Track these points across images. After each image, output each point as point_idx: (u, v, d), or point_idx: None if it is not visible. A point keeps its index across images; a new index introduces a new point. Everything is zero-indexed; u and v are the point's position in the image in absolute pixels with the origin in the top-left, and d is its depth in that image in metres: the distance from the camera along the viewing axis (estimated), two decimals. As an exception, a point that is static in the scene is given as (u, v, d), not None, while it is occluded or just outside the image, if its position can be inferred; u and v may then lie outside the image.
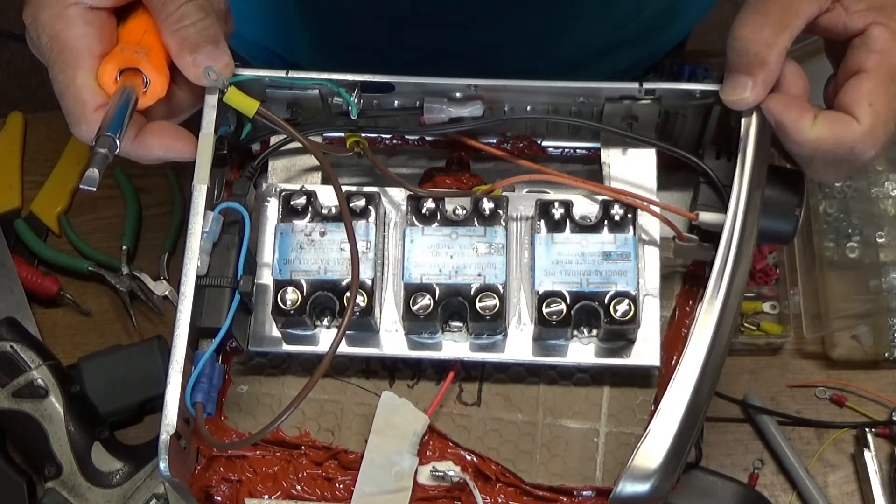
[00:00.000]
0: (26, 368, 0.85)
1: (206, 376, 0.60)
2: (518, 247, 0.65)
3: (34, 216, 0.98)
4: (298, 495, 0.64)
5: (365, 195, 0.64)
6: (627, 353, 0.64)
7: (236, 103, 0.62)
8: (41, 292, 0.94)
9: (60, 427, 0.84)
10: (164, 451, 0.58)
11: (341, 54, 0.87)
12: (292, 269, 0.63)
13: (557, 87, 0.65)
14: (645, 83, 0.65)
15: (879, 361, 0.92)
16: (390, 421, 0.64)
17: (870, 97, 0.59)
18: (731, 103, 0.62)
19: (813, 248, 0.94)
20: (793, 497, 0.88)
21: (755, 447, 0.90)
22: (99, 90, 0.59)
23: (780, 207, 0.64)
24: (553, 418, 0.65)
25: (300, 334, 0.64)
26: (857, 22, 0.60)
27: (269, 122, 0.63)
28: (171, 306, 0.94)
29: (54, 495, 0.83)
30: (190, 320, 0.60)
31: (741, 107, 0.62)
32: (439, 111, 0.66)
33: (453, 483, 0.64)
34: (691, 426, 0.61)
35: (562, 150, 0.71)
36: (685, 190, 0.68)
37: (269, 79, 0.65)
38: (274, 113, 0.64)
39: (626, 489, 0.61)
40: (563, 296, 0.62)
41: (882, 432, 0.89)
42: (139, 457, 0.85)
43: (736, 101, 0.61)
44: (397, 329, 0.64)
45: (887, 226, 0.93)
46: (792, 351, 0.94)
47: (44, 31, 0.59)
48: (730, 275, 0.61)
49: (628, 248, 0.63)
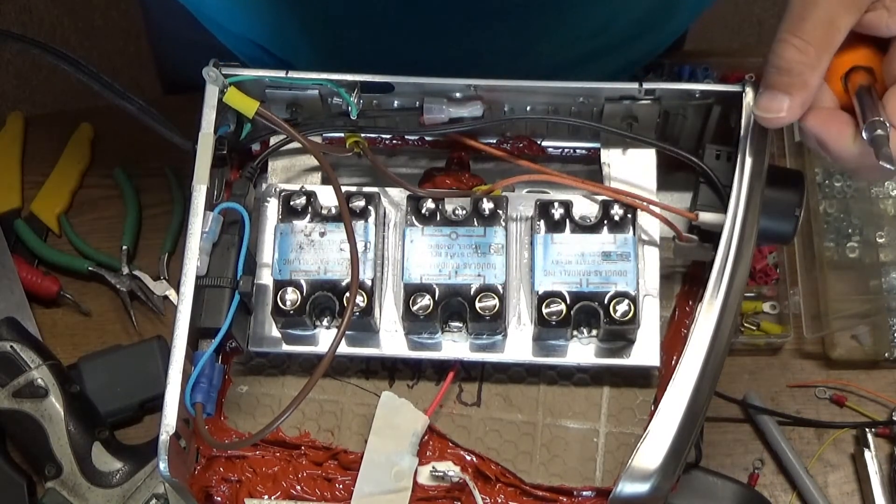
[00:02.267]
0: (26, 368, 0.85)
1: (205, 376, 0.61)
2: (518, 247, 0.65)
3: (34, 216, 0.98)
4: (298, 495, 0.64)
5: (365, 195, 0.64)
6: (627, 353, 0.64)
7: (236, 104, 0.62)
8: (41, 292, 0.94)
9: (60, 427, 0.84)
10: (164, 452, 0.58)
11: (330, 61, 0.87)
12: (292, 270, 0.63)
13: (557, 87, 0.65)
14: (645, 83, 0.65)
15: (879, 361, 0.92)
16: (390, 421, 0.64)
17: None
18: (763, 120, 0.60)
19: (813, 248, 0.94)
20: (793, 497, 0.88)
21: (755, 447, 0.90)
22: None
23: (780, 207, 0.64)
24: (553, 418, 0.65)
25: (300, 334, 0.64)
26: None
27: (269, 123, 0.63)
28: (171, 306, 0.94)
29: (54, 495, 0.83)
30: (190, 320, 0.60)
31: (772, 124, 0.61)
32: (439, 111, 0.66)
33: (453, 483, 0.64)
34: (691, 426, 0.61)
35: (562, 150, 0.71)
36: (685, 190, 0.68)
37: (268, 79, 0.65)
38: (273, 113, 0.64)
39: (625, 489, 0.61)
40: (563, 296, 0.62)
41: (882, 432, 0.89)
42: (139, 457, 0.85)
43: (769, 119, 0.60)
44: (397, 329, 0.64)
45: (887, 226, 0.93)
46: (792, 351, 0.94)
47: None
48: (730, 275, 0.61)
49: (628, 248, 0.63)
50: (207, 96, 0.64)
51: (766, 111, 0.60)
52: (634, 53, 0.96)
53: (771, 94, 0.60)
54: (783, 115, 0.59)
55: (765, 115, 0.60)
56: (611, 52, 0.92)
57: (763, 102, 0.60)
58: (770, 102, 0.60)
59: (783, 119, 0.60)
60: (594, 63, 0.93)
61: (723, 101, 0.64)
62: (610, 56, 0.93)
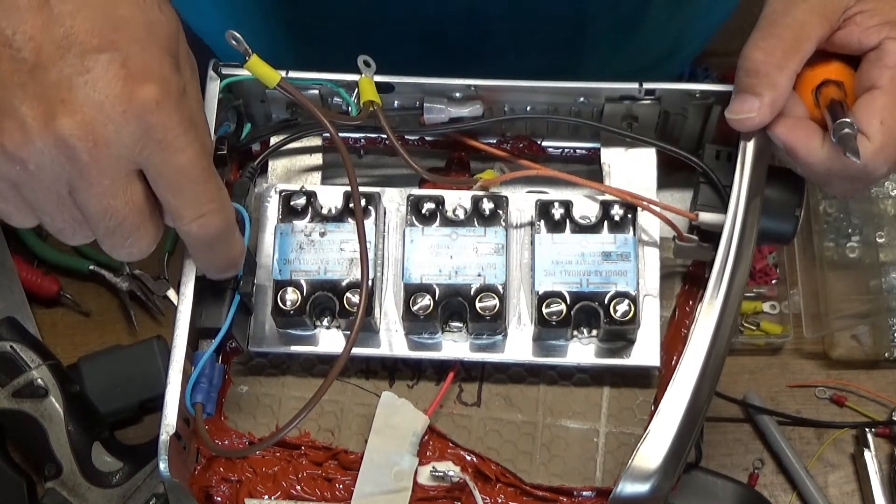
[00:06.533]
0: (26, 368, 0.85)
1: (206, 376, 0.61)
2: (518, 247, 0.65)
3: (34, 216, 0.98)
4: (298, 495, 0.64)
5: (365, 195, 0.64)
6: (627, 353, 0.64)
7: (257, 72, 0.61)
8: (41, 292, 0.94)
9: (60, 427, 0.84)
10: (164, 452, 0.58)
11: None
12: (292, 270, 0.63)
13: (557, 87, 0.65)
14: (645, 83, 0.65)
15: (879, 361, 0.92)
16: (390, 421, 0.64)
17: (882, 114, 0.58)
18: (735, 123, 0.61)
19: (813, 248, 0.94)
20: (793, 497, 0.88)
21: (755, 447, 0.90)
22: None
23: (780, 207, 0.64)
24: (553, 418, 0.65)
25: (300, 334, 0.64)
26: (871, 38, 0.59)
27: (290, 94, 0.61)
28: (171, 306, 0.94)
29: (54, 495, 0.83)
30: (190, 320, 0.60)
31: (745, 127, 0.61)
32: (439, 111, 0.66)
33: (453, 483, 0.64)
34: (691, 426, 0.61)
35: (562, 150, 0.71)
36: (685, 190, 0.68)
37: (269, 79, 0.65)
38: (274, 113, 0.64)
39: (626, 489, 0.61)
40: (563, 296, 0.62)
41: (882, 432, 0.89)
42: (139, 457, 0.85)
43: (741, 121, 0.61)
44: (397, 329, 0.64)
45: (887, 226, 0.93)
46: (792, 351, 0.94)
47: None
48: (730, 275, 0.61)
49: (628, 248, 0.63)
50: (208, 96, 0.64)
51: (737, 113, 0.61)
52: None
53: (741, 97, 0.61)
54: (753, 115, 0.60)
55: (735, 118, 0.61)
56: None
57: (734, 105, 0.61)
58: (741, 105, 0.61)
59: (754, 121, 0.60)
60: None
61: (723, 101, 0.64)
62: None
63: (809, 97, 0.61)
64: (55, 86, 0.49)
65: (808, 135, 0.60)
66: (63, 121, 0.49)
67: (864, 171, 0.59)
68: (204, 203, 0.53)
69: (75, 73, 0.49)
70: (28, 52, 0.49)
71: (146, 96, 0.50)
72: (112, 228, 0.52)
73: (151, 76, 0.50)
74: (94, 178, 0.50)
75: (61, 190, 0.51)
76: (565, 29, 0.86)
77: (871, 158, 0.58)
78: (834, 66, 0.61)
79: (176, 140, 0.51)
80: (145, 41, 0.51)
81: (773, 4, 0.60)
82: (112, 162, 0.50)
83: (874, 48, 0.60)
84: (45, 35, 0.49)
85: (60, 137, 0.49)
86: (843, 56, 0.61)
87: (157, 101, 0.50)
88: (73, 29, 0.49)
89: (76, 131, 0.49)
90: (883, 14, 0.59)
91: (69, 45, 0.49)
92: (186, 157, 0.51)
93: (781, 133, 0.60)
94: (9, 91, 0.49)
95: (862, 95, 0.59)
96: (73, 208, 0.52)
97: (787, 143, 0.60)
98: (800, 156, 0.60)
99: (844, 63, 0.61)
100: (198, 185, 0.52)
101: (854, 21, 0.60)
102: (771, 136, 0.61)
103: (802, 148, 0.60)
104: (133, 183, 0.52)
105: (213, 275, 0.59)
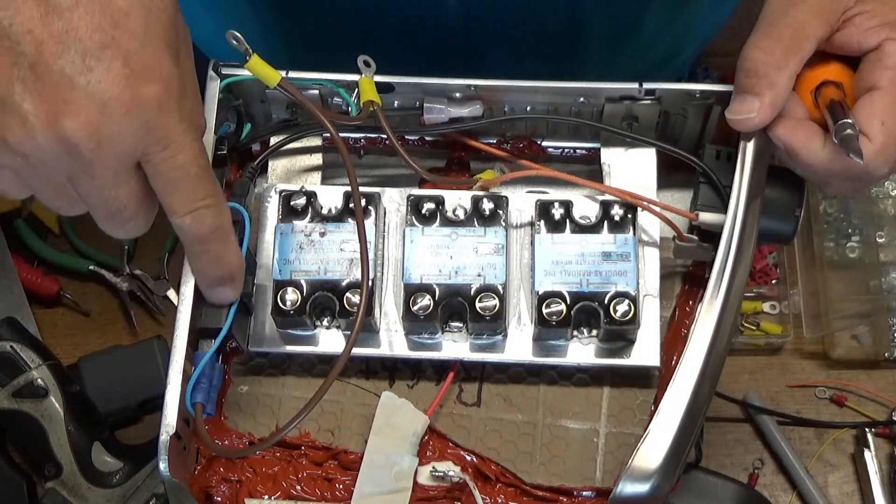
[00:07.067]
0: (26, 368, 0.85)
1: (206, 376, 0.61)
2: (518, 247, 0.65)
3: (34, 216, 0.98)
4: (298, 496, 0.64)
5: (365, 195, 0.64)
6: (627, 353, 0.64)
7: (258, 72, 0.61)
8: (41, 292, 0.94)
9: (60, 427, 0.84)
10: (163, 452, 0.58)
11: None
12: (292, 270, 0.63)
13: (557, 87, 0.65)
14: (645, 83, 0.65)
15: (879, 361, 0.92)
16: (390, 421, 0.64)
17: (882, 115, 0.58)
18: (735, 123, 0.61)
19: (813, 248, 0.94)
20: (793, 497, 0.88)
21: (755, 447, 0.90)
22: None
23: (780, 207, 0.64)
24: (553, 418, 0.65)
25: (300, 334, 0.64)
26: (870, 39, 0.59)
27: (291, 95, 0.62)
28: (171, 306, 0.94)
29: (54, 495, 0.83)
30: (190, 320, 0.60)
31: (745, 128, 0.61)
32: (439, 111, 0.66)
33: (453, 483, 0.64)
34: (691, 426, 0.61)
35: (562, 150, 0.71)
36: (685, 190, 0.68)
37: (269, 79, 0.65)
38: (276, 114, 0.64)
39: (626, 489, 0.61)
40: (563, 296, 0.62)
41: (882, 432, 0.89)
42: (139, 457, 0.85)
43: (741, 122, 0.61)
44: (397, 329, 0.64)
45: (887, 226, 0.93)
46: (792, 351, 0.94)
47: None
48: (730, 275, 0.61)
49: (628, 248, 0.63)
50: (208, 96, 0.64)
51: (737, 113, 0.61)
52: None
53: (741, 97, 0.61)
54: (754, 115, 0.60)
55: (735, 118, 0.61)
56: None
57: (734, 105, 0.61)
58: (741, 105, 0.61)
59: (754, 121, 0.60)
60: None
61: (723, 102, 0.64)
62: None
63: (809, 98, 0.61)
64: (57, 84, 0.49)
65: (809, 136, 0.60)
66: (66, 122, 0.49)
67: (864, 171, 0.59)
68: (199, 199, 0.54)
69: (77, 72, 0.49)
70: (27, 46, 0.49)
71: (148, 97, 0.50)
72: (112, 214, 0.54)
73: (153, 75, 0.50)
74: (96, 172, 0.51)
75: (62, 179, 0.52)
76: (563, 36, 0.86)
77: (872, 159, 0.58)
78: (833, 67, 0.61)
79: (176, 139, 0.51)
80: (145, 36, 0.51)
81: (773, 5, 0.60)
82: (113, 158, 0.51)
83: (874, 49, 0.60)
84: (44, 29, 0.49)
85: (64, 138, 0.49)
86: (842, 57, 0.61)
87: (158, 102, 0.50)
88: (73, 24, 0.49)
89: (80, 132, 0.49)
90: (882, 15, 0.59)
91: (69, 41, 0.49)
92: (185, 156, 0.52)
93: (782, 134, 0.60)
94: (9, 84, 0.49)
95: (862, 96, 0.59)
96: (72, 193, 0.53)
97: (788, 145, 0.60)
98: (801, 157, 0.60)
99: (844, 64, 0.61)
100: (194, 181, 0.53)
101: (853, 22, 0.60)
102: (772, 138, 0.61)
103: (803, 149, 0.60)
104: (133, 174, 0.52)
105: (211, 294, 0.60)
